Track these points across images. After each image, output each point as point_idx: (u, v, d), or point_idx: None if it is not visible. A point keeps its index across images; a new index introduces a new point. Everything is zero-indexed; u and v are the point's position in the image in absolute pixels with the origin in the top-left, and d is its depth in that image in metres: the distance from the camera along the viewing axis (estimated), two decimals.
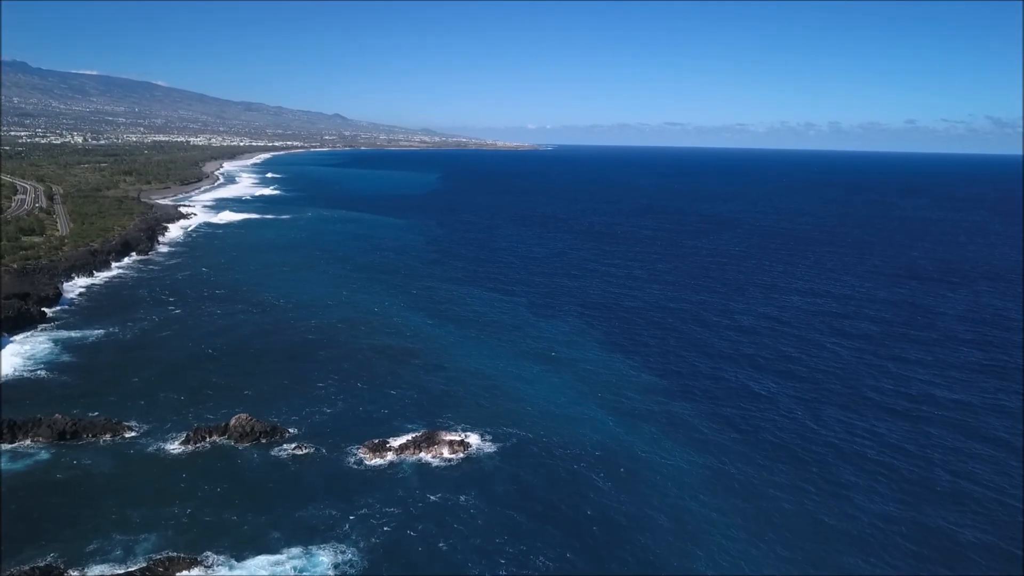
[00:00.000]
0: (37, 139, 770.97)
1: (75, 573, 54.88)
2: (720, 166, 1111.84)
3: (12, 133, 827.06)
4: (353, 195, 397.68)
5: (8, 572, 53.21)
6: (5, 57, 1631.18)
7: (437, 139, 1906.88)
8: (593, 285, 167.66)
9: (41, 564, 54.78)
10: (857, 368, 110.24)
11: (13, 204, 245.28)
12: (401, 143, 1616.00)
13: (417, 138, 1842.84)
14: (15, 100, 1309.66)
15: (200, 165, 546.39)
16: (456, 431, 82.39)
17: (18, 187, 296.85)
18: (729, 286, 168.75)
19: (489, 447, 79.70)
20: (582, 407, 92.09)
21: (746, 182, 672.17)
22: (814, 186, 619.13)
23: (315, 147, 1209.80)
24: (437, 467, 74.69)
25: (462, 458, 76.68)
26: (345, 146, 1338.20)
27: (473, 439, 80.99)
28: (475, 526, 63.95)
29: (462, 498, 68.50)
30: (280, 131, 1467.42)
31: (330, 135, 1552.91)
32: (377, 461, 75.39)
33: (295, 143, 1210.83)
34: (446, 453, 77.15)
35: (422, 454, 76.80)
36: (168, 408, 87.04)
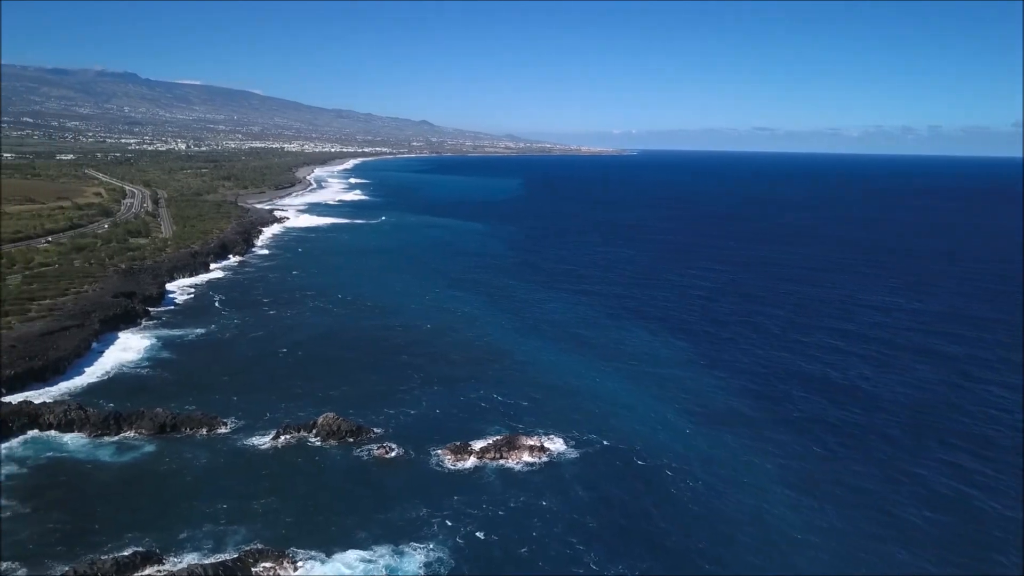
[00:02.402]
0: (144, 146, 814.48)
1: (170, 560, 57.37)
2: (809, 172, 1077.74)
3: (123, 140, 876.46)
4: (437, 200, 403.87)
5: (113, 556, 56.08)
6: (117, 68, 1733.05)
7: (521, 145, 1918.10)
8: (674, 294, 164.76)
9: (141, 550, 57.47)
10: (941, 392, 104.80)
11: (122, 208, 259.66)
12: (486, 149, 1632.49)
13: (501, 144, 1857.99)
14: (125, 109, 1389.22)
15: (293, 171, 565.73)
16: (537, 436, 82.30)
17: (127, 191, 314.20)
18: (804, 300, 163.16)
19: (570, 453, 79.30)
20: (664, 416, 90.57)
21: (832, 189, 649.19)
22: (908, 193, 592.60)
23: (402, 153, 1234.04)
24: (518, 471, 74.76)
25: (543, 463, 76.55)
26: (431, 152, 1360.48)
27: (553, 445, 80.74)
28: (555, 532, 63.69)
29: (543, 503, 68.36)
30: (369, 137, 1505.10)
31: (417, 141, 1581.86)
32: (459, 464, 76.05)
33: (383, 149, 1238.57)
34: (527, 458, 77.20)
35: (504, 458, 77.06)
36: (260, 405, 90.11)
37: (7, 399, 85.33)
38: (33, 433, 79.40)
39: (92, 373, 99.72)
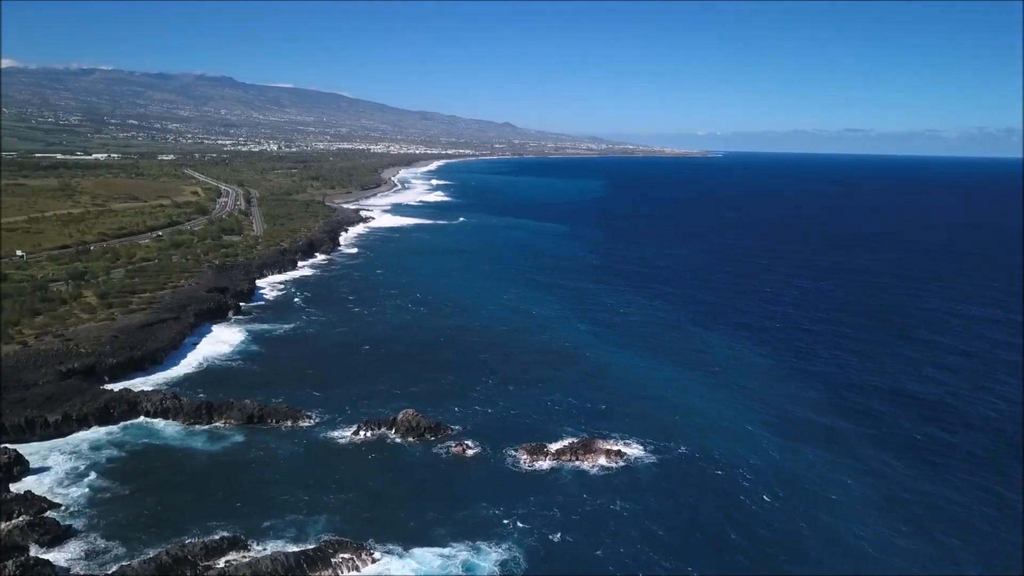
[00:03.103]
0: (239, 147, 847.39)
1: (255, 546, 59.60)
2: (902, 175, 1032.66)
3: (219, 142, 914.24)
4: (517, 202, 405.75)
5: (202, 540, 58.68)
6: (215, 72, 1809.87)
7: (603, 146, 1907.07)
8: (755, 300, 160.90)
9: (228, 535, 59.93)
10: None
11: (217, 206, 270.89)
12: (568, 151, 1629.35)
13: (583, 145, 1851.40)
14: (222, 112, 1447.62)
15: (378, 171, 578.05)
16: (614, 440, 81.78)
17: (222, 191, 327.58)
18: (890, 309, 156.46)
19: (646, 459, 78.43)
20: (744, 425, 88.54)
21: (923, 194, 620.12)
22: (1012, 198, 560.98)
23: (485, 155, 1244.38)
24: (594, 475, 74.46)
25: (619, 467, 76.00)
26: (513, 154, 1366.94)
27: (630, 450, 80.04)
28: (629, 538, 63.16)
29: (618, 508, 67.89)
30: (453, 139, 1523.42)
31: (500, 143, 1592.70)
32: (536, 464, 76.29)
33: (466, 151, 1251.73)
34: (603, 461, 76.81)
35: (579, 461, 76.90)
36: (342, 399, 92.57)
37: (109, 387, 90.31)
38: (132, 420, 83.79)
39: (186, 364, 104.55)
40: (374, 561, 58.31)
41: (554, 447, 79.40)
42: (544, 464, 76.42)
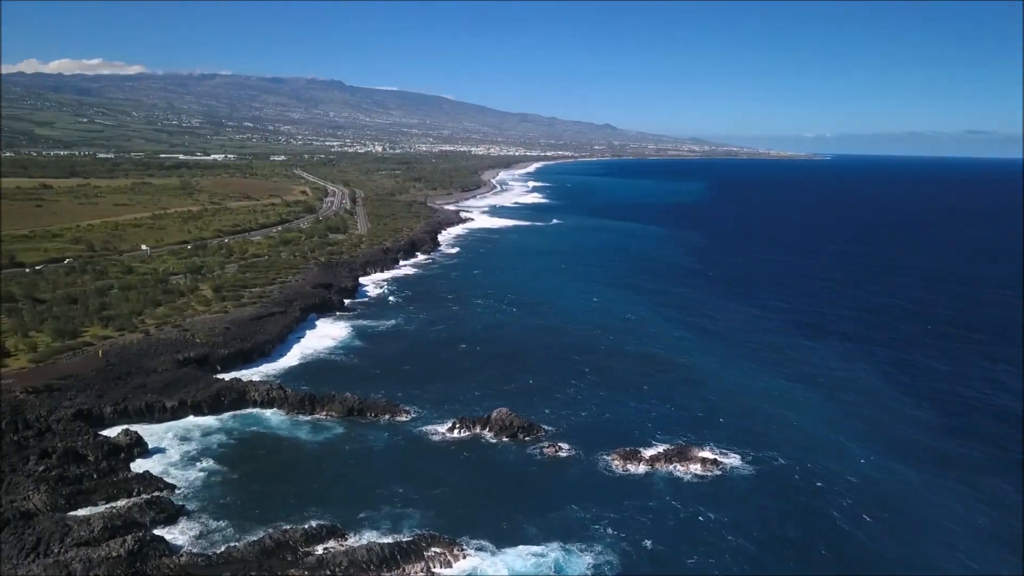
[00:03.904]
0: (345, 148, 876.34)
1: (352, 536, 61.47)
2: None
3: (327, 143, 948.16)
4: (616, 204, 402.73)
5: (302, 526, 61.05)
6: (325, 76, 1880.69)
7: (706, 148, 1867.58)
8: (859, 311, 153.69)
9: (326, 524, 62.08)
10: None
11: (324, 205, 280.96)
12: (669, 152, 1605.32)
13: (685, 147, 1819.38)
14: (331, 114, 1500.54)
15: (478, 173, 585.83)
16: (710, 448, 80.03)
17: (329, 190, 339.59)
18: (1008, 323, 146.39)
19: (743, 469, 76.32)
20: (844, 441, 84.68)
21: None
22: None
23: (584, 157, 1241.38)
24: (689, 482, 73.08)
25: (715, 476, 74.32)
26: (613, 156, 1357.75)
27: (727, 459, 78.09)
28: (721, 548, 61.61)
29: (712, 517, 66.38)
30: (552, 141, 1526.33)
31: (599, 145, 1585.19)
32: (629, 469, 75.53)
33: (565, 153, 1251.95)
34: (698, 470, 75.28)
35: (674, 468, 75.66)
36: (437, 396, 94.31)
37: (221, 376, 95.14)
38: (241, 409, 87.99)
39: (291, 356, 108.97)
40: (465, 557, 59.11)
41: (648, 453, 78.41)
42: (637, 469, 75.57)
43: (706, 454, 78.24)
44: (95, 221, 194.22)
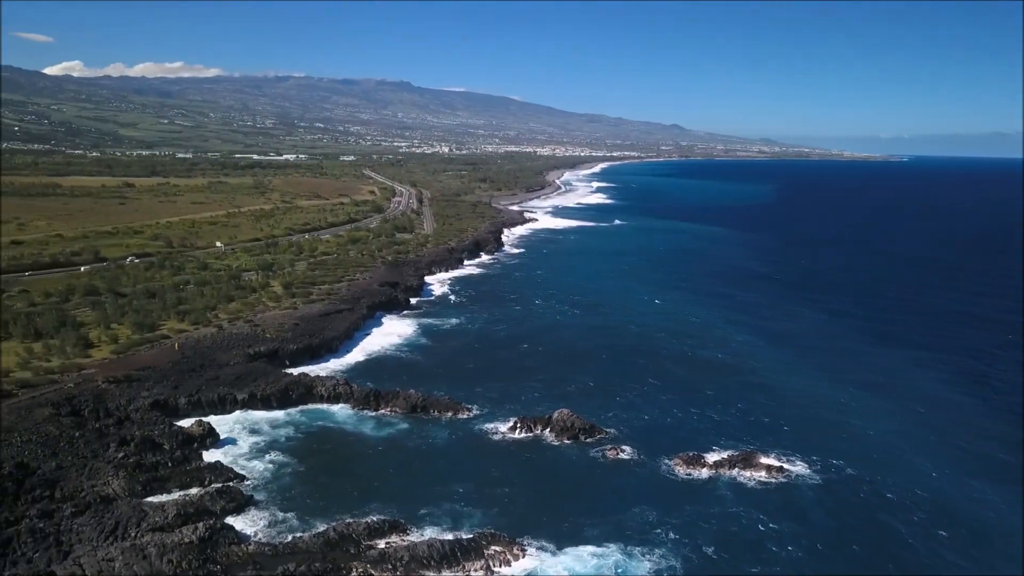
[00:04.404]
0: (413, 149, 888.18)
1: (413, 531, 62.27)
2: None
3: (395, 144, 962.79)
4: (681, 205, 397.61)
5: (365, 520, 62.14)
6: (394, 77, 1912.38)
7: (776, 149, 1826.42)
8: (935, 317, 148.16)
9: (389, 518, 63.04)
10: None
11: (391, 205, 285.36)
12: (738, 153, 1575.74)
13: (755, 148, 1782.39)
14: (399, 115, 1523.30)
15: (543, 174, 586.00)
16: (775, 456, 78.26)
17: (396, 191, 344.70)
18: None
19: (809, 479, 74.31)
20: (917, 452, 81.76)
21: None
22: None
23: (651, 157, 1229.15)
24: (753, 489, 71.61)
25: (780, 484, 72.63)
26: (680, 156, 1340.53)
27: (793, 467, 76.23)
28: (787, 559, 60.18)
29: (777, 526, 64.89)
30: (619, 141, 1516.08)
31: (666, 145, 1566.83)
32: (692, 474, 74.51)
33: (631, 153, 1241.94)
34: (764, 477, 73.73)
35: (738, 474, 74.29)
36: (500, 395, 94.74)
37: (289, 371, 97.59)
38: (308, 404, 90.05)
39: (357, 353, 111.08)
40: (525, 556, 59.23)
41: (711, 458, 77.19)
42: (701, 474, 74.47)
43: (771, 461, 76.58)
44: (173, 219, 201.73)
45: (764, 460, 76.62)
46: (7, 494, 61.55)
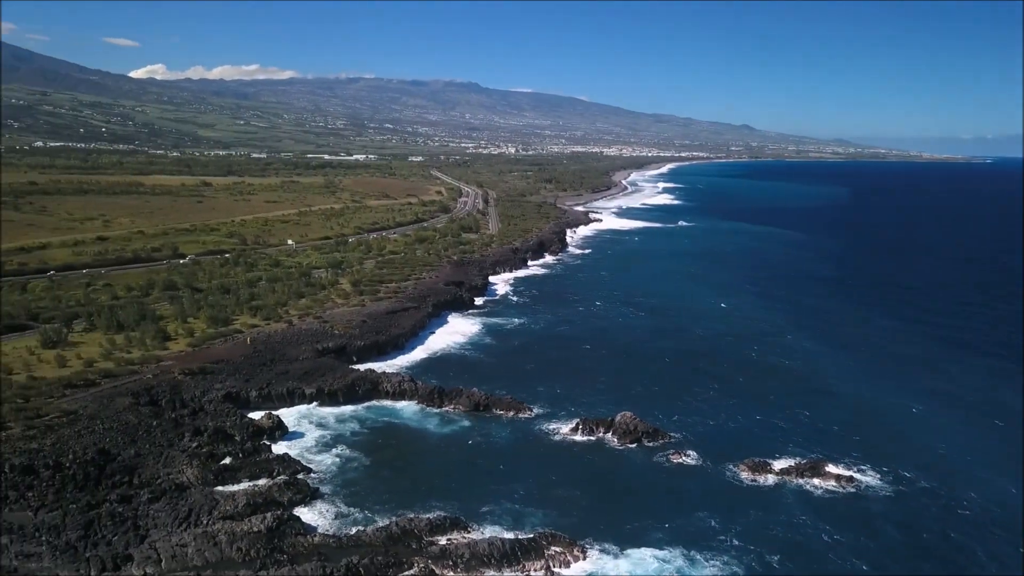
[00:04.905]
0: (480, 150, 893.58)
1: (474, 529, 62.70)
2: None
3: (462, 144, 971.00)
4: (749, 207, 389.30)
5: (428, 516, 62.89)
6: (463, 79, 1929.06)
7: (850, 150, 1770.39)
8: (1014, 326, 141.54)
9: (450, 515, 63.65)
10: None
11: (458, 205, 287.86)
12: (810, 154, 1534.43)
13: (829, 149, 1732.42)
14: (466, 116, 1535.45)
15: (609, 174, 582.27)
16: (844, 465, 76.06)
17: (462, 191, 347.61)
18: None
19: (880, 490, 71.90)
20: (993, 466, 78.20)
21: None
22: None
23: (720, 158, 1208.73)
24: (820, 498, 69.78)
25: (849, 494, 70.56)
26: (750, 157, 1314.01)
27: (863, 477, 73.94)
28: (855, 572, 58.44)
29: (844, 537, 63.01)
30: (687, 142, 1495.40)
31: (736, 146, 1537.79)
32: (758, 480, 73.04)
33: (700, 154, 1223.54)
34: (832, 486, 71.76)
35: (805, 482, 72.46)
36: (562, 395, 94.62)
37: (356, 367, 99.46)
38: (373, 400, 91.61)
39: (422, 350, 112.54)
40: (586, 558, 59.05)
41: (778, 465, 75.51)
42: (767, 481, 72.95)
43: (840, 471, 74.47)
44: (248, 217, 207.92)
45: (832, 469, 74.59)
46: (90, 479, 64.56)
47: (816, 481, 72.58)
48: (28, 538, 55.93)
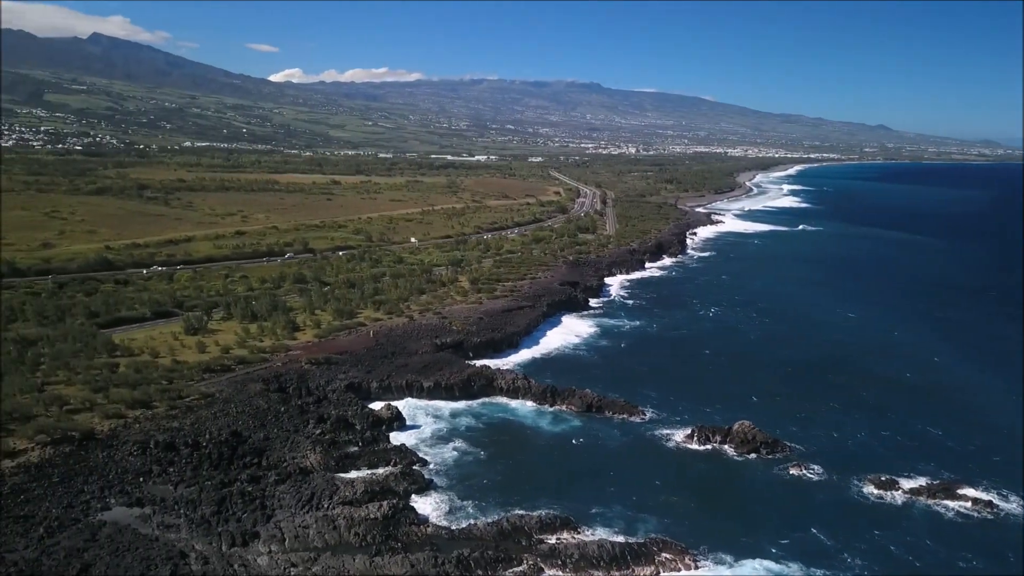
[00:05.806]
0: (599, 150, 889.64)
1: (584, 530, 62.61)
2: None
3: (582, 145, 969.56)
4: (882, 211, 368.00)
5: (539, 514, 63.32)
6: (584, 79, 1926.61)
7: (1000, 152, 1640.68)
8: None
9: (561, 515, 63.82)
10: None
11: (575, 206, 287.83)
12: (952, 156, 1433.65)
13: (973, 151, 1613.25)
14: (587, 116, 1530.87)
15: (734, 175, 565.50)
16: (982, 488, 70.99)
17: (580, 191, 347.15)
18: None
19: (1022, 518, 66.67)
20: None
21: None
22: None
23: (852, 159, 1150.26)
24: (953, 522, 65.50)
25: (985, 520, 65.85)
26: (885, 159, 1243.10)
27: (1004, 504, 68.72)
28: None
29: (980, 564, 58.92)
30: (817, 143, 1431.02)
31: (870, 147, 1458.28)
32: (885, 498, 69.35)
33: (831, 155, 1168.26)
34: (967, 508, 67.16)
35: (937, 503, 68.14)
36: (676, 400, 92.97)
37: (472, 362, 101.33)
38: (488, 396, 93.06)
39: (536, 349, 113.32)
40: (698, 567, 57.87)
41: (907, 484, 71.38)
42: (894, 500, 69.12)
43: (978, 494, 69.59)
44: (373, 215, 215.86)
45: (969, 492, 69.83)
46: (223, 458, 68.95)
47: (949, 503, 68.21)
48: (168, 510, 60.43)
